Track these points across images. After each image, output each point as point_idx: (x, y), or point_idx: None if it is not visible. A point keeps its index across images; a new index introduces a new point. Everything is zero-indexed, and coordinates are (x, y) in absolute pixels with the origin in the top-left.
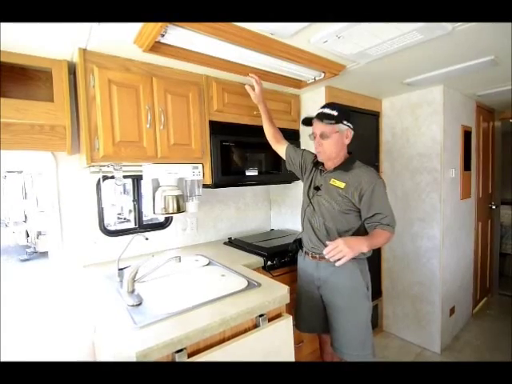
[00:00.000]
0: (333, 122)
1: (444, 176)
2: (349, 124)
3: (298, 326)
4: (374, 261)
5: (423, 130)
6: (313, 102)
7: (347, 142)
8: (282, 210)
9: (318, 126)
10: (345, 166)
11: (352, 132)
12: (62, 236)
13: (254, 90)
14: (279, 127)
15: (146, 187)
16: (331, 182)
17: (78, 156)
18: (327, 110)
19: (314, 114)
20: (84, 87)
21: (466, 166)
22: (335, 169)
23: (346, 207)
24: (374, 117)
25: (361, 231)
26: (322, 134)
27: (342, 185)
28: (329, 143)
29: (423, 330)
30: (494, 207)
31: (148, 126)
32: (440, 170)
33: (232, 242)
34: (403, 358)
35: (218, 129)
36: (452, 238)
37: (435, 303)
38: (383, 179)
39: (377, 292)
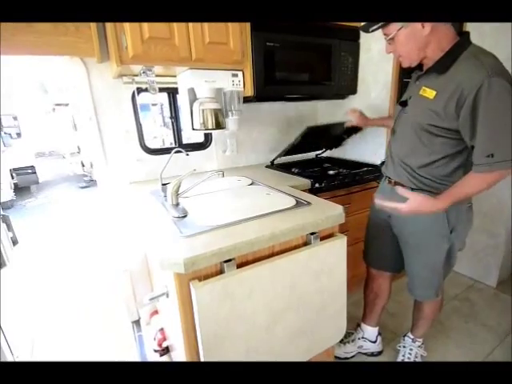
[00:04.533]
0: None
1: None
2: None
3: (366, 259)
4: None
5: None
6: None
7: (427, 31)
8: None
9: (381, 29)
10: (440, 64)
11: None
12: (104, 151)
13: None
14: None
15: (182, 100)
16: (421, 92)
17: (109, 64)
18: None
19: None
20: None
21: None
22: (428, 71)
23: (434, 128)
24: None
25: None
26: (387, 36)
27: (432, 94)
28: (399, 45)
29: (479, 263)
30: None
31: None
32: None
33: (274, 165)
34: (452, 289)
35: (260, 23)
36: None
37: (500, 236)
38: (505, 80)
39: None
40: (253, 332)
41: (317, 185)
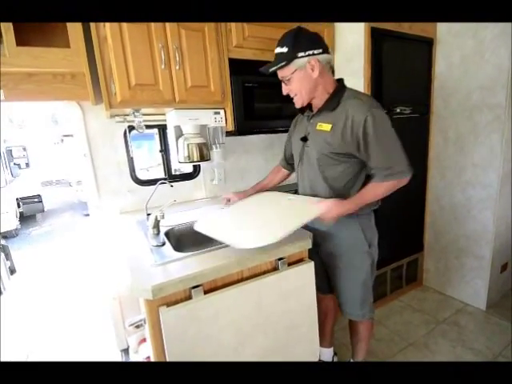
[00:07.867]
0: (283, 62)
1: (509, 112)
2: (310, 52)
3: None
4: (415, 213)
5: (487, 57)
6: (350, 30)
7: (316, 74)
8: None
9: (279, 71)
10: (329, 103)
11: (319, 58)
12: (97, 185)
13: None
14: None
15: (170, 136)
16: (317, 128)
17: (103, 106)
18: (277, 49)
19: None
20: (95, 27)
21: None
22: (320, 110)
23: (337, 156)
24: (425, 44)
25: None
26: (283, 78)
27: (328, 127)
28: (294, 85)
29: (467, 286)
30: None
31: (163, 66)
32: (505, 105)
33: None
34: (442, 312)
35: (238, 68)
36: (510, 187)
37: (484, 258)
38: (382, 110)
39: (417, 246)
40: (221, 353)
41: None
